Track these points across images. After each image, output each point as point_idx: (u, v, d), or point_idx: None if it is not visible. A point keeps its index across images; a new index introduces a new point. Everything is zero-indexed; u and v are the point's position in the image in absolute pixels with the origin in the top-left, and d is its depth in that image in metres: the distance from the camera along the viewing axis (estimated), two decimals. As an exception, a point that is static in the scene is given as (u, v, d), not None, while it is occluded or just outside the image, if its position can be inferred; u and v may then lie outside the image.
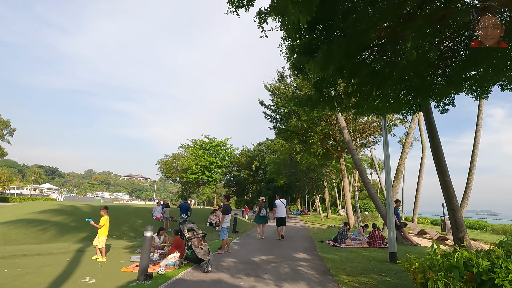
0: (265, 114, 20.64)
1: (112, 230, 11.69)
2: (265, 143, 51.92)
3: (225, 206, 8.85)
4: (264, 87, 19.67)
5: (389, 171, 8.34)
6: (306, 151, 19.05)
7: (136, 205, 18.85)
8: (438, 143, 8.89)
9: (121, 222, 12.82)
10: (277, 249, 9.63)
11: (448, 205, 8.70)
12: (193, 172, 51.93)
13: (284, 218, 12.14)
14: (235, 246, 10.07)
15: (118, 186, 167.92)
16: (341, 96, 7.30)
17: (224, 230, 8.72)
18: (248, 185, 58.80)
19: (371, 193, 12.42)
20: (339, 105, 7.48)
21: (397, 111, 8.30)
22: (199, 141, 56.54)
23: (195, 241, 6.76)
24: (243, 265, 7.06)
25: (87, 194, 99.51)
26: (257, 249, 9.51)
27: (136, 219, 13.57)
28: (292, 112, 18.35)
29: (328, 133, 17.97)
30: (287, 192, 47.23)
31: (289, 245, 10.70)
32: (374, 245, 10.48)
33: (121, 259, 7.68)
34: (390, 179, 8.32)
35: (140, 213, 14.80)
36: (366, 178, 12.65)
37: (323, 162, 26.68)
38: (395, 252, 7.74)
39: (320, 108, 7.63)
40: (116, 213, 13.87)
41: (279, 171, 34.75)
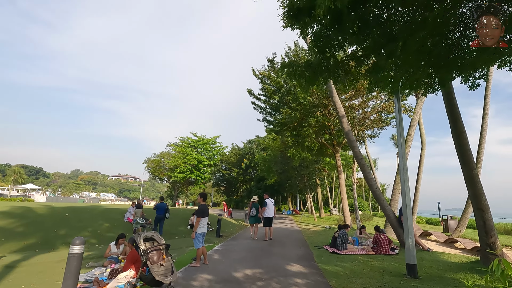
0: (254, 105, 18.88)
1: (70, 235, 9.79)
2: (256, 140, 50.20)
3: (201, 207, 7.07)
4: (253, 74, 17.92)
5: (404, 162, 6.71)
6: (299, 145, 17.41)
7: (107, 206, 16.85)
8: (461, 129, 7.32)
9: (84, 226, 10.89)
10: (266, 259, 7.92)
11: (474, 203, 7.12)
12: (181, 171, 49.94)
13: (271, 219, 11.68)
14: (215, 255, 8.31)
15: (105, 186, 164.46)
16: (349, 63, 5.61)
17: (200, 237, 6.96)
18: (238, 184, 57.00)
19: (375, 190, 10.82)
20: (346, 75, 5.79)
21: (415, 88, 6.67)
22: (187, 139, 54.50)
23: (153, 256, 4.97)
24: (220, 285, 5.33)
25: (72, 195, 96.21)
26: (242, 259, 7.78)
27: (103, 223, 11.64)
28: (284, 102, 16.70)
29: (324, 125, 16.36)
30: (278, 191, 45.64)
31: (280, 252, 9.00)
32: (381, 252, 8.87)
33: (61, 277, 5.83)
34: (406, 172, 6.69)
35: (109, 215, 12.85)
36: (369, 173, 11.04)
37: (316, 159, 25.10)
38: (414, 264, 6.10)
39: (321, 81, 5.94)
40: (79, 215, 11.94)
41: (270, 169, 33.06)
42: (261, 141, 37.86)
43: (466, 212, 15.94)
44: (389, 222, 10.59)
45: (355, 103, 16.76)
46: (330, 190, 49.05)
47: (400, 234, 10.11)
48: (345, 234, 9.37)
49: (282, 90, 17.01)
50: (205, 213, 7.00)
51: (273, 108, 18.13)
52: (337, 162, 18.25)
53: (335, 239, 9.88)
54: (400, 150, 6.76)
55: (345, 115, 11.75)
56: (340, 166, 18.13)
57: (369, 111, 16.28)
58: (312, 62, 5.40)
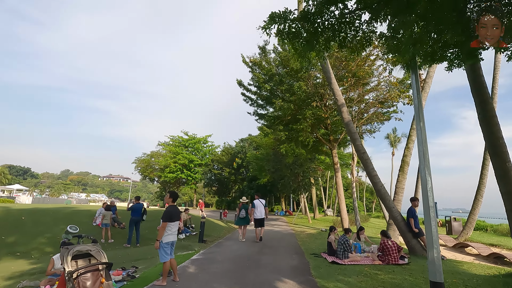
0: (244, 96, 17.38)
1: (20, 243, 8.22)
2: (248, 139, 48.76)
3: (168, 209, 5.58)
4: (242, 62, 16.42)
5: (425, 152, 5.31)
6: (293, 140, 16.00)
7: (77, 207, 15.21)
8: (491, 112, 6.00)
9: (41, 231, 9.30)
10: (253, 272, 6.47)
11: (508, 204, 5.78)
12: (171, 171, 48.36)
13: (262, 219, 11.24)
14: (191, 267, 6.81)
15: (96, 186, 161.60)
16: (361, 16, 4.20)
17: (167, 248, 5.47)
18: (231, 185, 55.44)
19: (379, 189, 9.46)
20: (355, 35, 4.39)
21: (439, 60, 5.30)
22: (178, 137, 52.90)
23: (86, 280, 3.49)
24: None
25: (60, 196, 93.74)
26: (223, 273, 6.32)
27: (65, 227, 10.01)
28: (276, 93, 15.26)
29: (320, 118, 14.97)
30: (270, 191, 44.25)
31: (271, 262, 7.57)
32: (389, 261, 7.50)
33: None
34: (428, 164, 5.30)
35: (76, 219, 11.26)
36: (373, 169, 9.67)
37: (310, 157, 23.73)
38: (441, 283, 4.71)
39: (322, 45, 4.53)
40: (38, 219, 10.33)
41: (262, 167, 31.62)
42: (254, 139, 36.35)
43: (473, 213, 14.72)
44: (396, 225, 9.23)
45: (354, 96, 15.42)
46: (324, 190, 47.86)
47: (409, 239, 8.78)
48: (346, 240, 7.98)
49: (275, 79, 15.60)
50: (173, 217, 5.51)
51: (265, 99, 16.67)
52: (334, 159, 16.89)
53: (330, 244, 8.53)
54: (420, 137, 5.37)
55: (344, 104, 10.35)
56: (337, 164, 16.77)
57: (371, 101, 14.81)
58: (312, 13, 3.98)
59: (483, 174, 14.68)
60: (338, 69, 13.71)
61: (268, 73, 15.69)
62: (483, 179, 14.64)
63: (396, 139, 47.48)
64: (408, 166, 12.97)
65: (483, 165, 14.72)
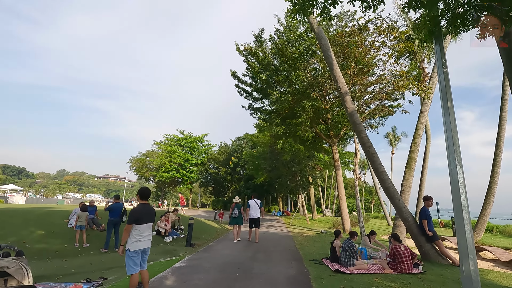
0: (238, 88, 16.27)
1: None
2: (244, 137, 47.68)
3: (135, 209, 4.51)
4: (236, 50, 15.28)
5: (455, 138, 4.30)
6: (290, 135, 14.92)
7: (52, 208, 14.07)
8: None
9: (4, 234, 8.14)
10: (242, 284, 5.41)
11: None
12: (166, 170, 47.15)
13: (257, 220, 10.93)
14: (170, 278, 5.73)
15: (92, 186, 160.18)
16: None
17: (135, 258, 4.39)
18: (227, 184, 54.32)
19: (387, 187, 8.41)
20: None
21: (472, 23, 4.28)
22: (174, 136, 51.67)
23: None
24: None
25: (56, 196, 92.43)
26: (206, 286, 5.25)
27: (35, 230, 8.91)
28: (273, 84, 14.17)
29: (319, 111, 13.89)
30: (267, 191, 43.17)
31: (265, 271, 6.50)
32: (403, 270, 6.46)
33: None
34: (459, 154, 4.28)
35: (49, 220, 10.12)
36: (380, 165, 8.61)
37: (309, 154, 22.66)
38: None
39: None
40: (5, 220, 9.21)
41: (259, 166, 30.54)
42: (250, 137, 35.31)
43: (484, 213, 13.73)
44: (407, 227, 8.19)
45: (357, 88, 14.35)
46: (322, 190, 46.83)
47: (422, 243, 7.76)
48: (352, 246, 6.93)
49: (271, 69, 14.51)
50: (142, 219, 4.43)
51: (260, 91, 15.55)
52: (334, 156, 15.84)
53: (334, 249, 7.50)
54: (448, 120, 4.35)
55: (348, 92, 9.29)
56: (338, 161, 15.73)
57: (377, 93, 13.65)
58: None
59: (494, 172, 13.72)
60: (341, 57, 12.67)
61: (264, 62, 14.59)
62: (495, 177, 13.67)
63: (396, 138, 46.56)
64: (415, 162, 12.00)
65: (495, 162, 13.76)
